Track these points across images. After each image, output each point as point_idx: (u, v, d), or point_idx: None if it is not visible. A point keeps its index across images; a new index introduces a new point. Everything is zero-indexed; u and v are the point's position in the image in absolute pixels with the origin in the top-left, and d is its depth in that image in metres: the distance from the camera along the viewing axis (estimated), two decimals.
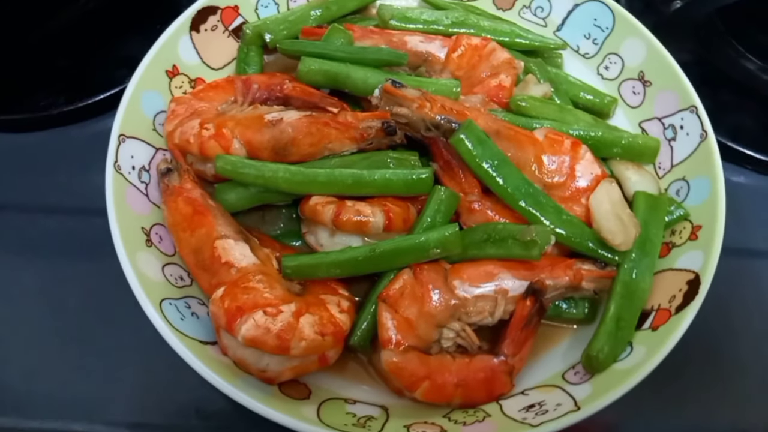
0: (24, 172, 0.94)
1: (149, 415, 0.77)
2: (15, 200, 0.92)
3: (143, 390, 0.79)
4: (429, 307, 0.71)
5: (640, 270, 0.74)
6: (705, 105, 0.85)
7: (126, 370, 0.80)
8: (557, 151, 0.79)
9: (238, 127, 0.79)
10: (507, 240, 0.73)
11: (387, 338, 0.69)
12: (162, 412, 0.77)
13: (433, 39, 0.91)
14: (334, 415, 0.67)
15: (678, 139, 0.85)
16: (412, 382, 0.69)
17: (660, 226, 0.77)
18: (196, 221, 0.74)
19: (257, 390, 0.66)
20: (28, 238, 0.89)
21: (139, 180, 0.80)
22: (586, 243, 0.74)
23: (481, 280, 0.72)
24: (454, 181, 0.78)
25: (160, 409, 0.77)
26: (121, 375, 0.80)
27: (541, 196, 0.75)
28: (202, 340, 0.69)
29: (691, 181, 0.82)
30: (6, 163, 0.95)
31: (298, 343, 0.66)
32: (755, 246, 0.92)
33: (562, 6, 0.97)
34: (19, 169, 0.94)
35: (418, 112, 0.77)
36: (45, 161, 0.95)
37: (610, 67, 0.94)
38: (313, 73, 0.85)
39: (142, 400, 0.79)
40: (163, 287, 0.73)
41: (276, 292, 0.69)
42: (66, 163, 0.95)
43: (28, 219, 0.90)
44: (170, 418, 0.77)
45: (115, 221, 0.73)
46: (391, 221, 0.74)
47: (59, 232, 0.89)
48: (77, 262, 0.87)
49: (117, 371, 0.80)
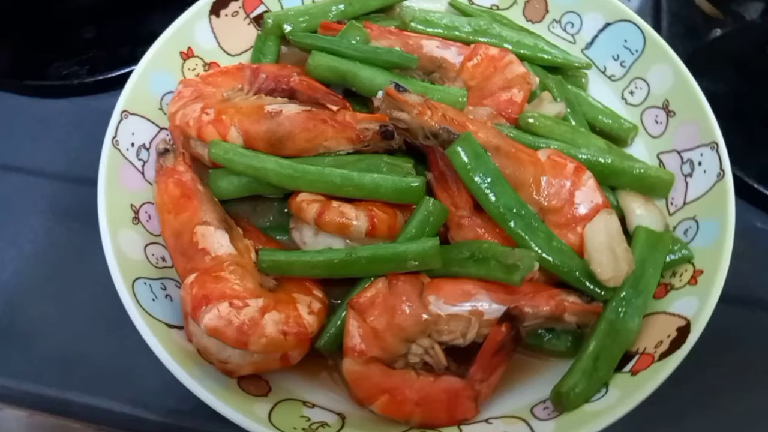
0: (40, 136, 0.97)
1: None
2: (28, 163, 0.94)
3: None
4: (399, 320, 0.69)
5: (629, 309, 0.70)
6: (734, 141, 0.80)
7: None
8: (558, 175, 0.75)
9: (238, 115, 0.79)
10: (490, 261, 0.70)
11: (351, 346, 0.68)
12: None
13: (450, 45, 0.88)
14: (287, 416, 0.66)
15: (694, 175, 0.80)
16: (371, 394, 0.67)
17: (658, 265, 0.73)
18: (182, 204, 0.75)
19: (213, 381, 0.66)
20: (32, 201, 0.91)
21: (137, 157, 0.80)
22: (573, 273, 0.71)
23: (458, 298, 0.70)
24: (446, 193, 0.76)
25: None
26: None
27: (533, 219, 0.72)
28: (170, 324, 0.70)
29: (701, 222, 0.77)
30: (24, 127, 0.97)
31: (258, 339, 0.65)
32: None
33: (593, 24, 0.93)
34: (35, 133, 0.97)
35: (417, 118, 0.74)
36: (61, 129, 0.98)
37: (635, 93, 0.90)
38: (322, 68, 0.84)
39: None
40: (141, 266, 0.73)
41: (246, 285, 0.69)
42: (80, 133, 0.97)
43: (35, 183, 0.92)
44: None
45: (103, 195, 0.74)
46: (374, 227, 0.73)
47: (63, 198, 0.91)
48: (75, 229, 0.88)
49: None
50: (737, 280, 0.72)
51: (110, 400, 0.77)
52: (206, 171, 0.81)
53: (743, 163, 0.89)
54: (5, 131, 0.97)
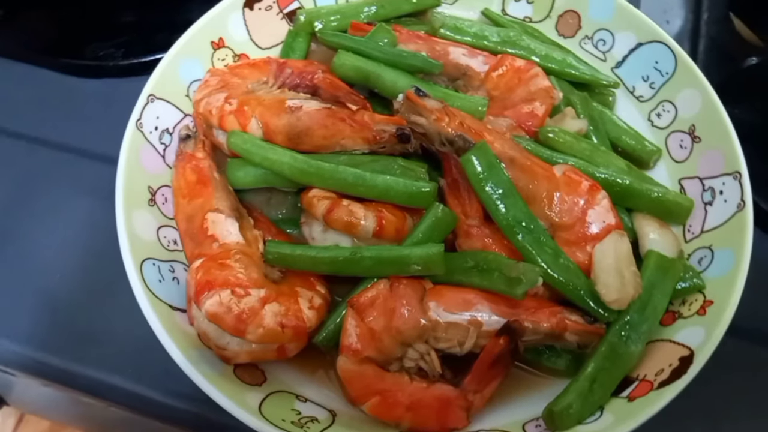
0: (71, 114, 0.99)
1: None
2: (56, 138, 0.97)
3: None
4: (397, 323, 0.69)
5: (632, 334, 0.69)
6: (762, 172, 0.78)
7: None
8: (572, 192, 0.74)
9: (259, 108, 0.80)
10: (494, 272, 0.70)
11: (347, 344, 0.68)
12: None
13: (477, 54, 0.88)
14: (278, 408, 0.66)
15: (715, 204, 0.78)
16: (363, 393, 0.67)
17: (667, 291, 0.71)
18: (197, 190, 0.76)
19: (209, 366, 0.67)
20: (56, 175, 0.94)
21: (159, 141, 0.82)
22: (578, 292, 0.70)
23: (458, 307, 0.69)
24: (457, 200, 0.76)
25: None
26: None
27: (541, 233, 0.71)
28: (174, 306, 0.71)
29: (716, 252, 0.75)
30: (57, 103, 1.00)
31: (256, 329, 0.66)
32: None
33: (625, 42, 0.91)
34: (67, 111, 0.99)
35: (434, 124, 0.75)
36: (92, 108, 1.00)
37: (662, 115, 0.88)
38: (346, 68, 0.84)
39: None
40: (152, 247, 0.74)
41: (250, 275, 0.70)
42: (110, 113, 0.97)
43: (61, 158, 0.95)
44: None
45: (122, 175, 0.75)
46: (382, 228, 0.73)
47: (87, 175, 0.93)
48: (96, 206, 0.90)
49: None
50: (746, 311, 0.70)
51: (115, 376, 0.79)
52: (225, 159, 0.83)
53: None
54: (38, 106, 1.00)
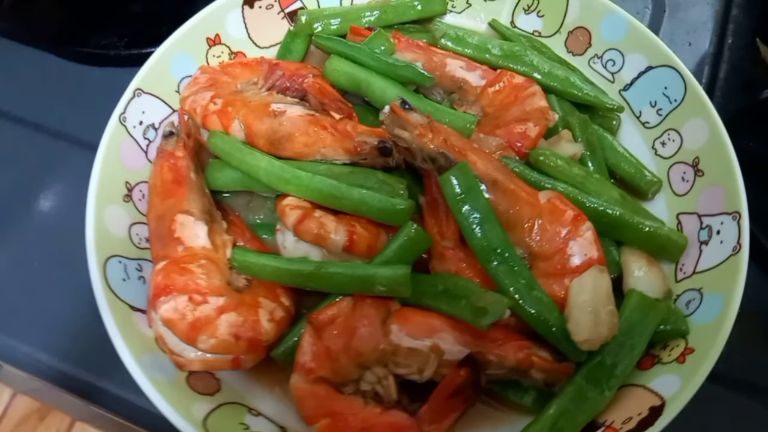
0: (71, 101, 0.99)
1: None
2: (54, 125, 0.97)
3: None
4: (356, 343, 0.66)
5: (603, 377, 0.65)
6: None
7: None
8: (555, 220, 0.70)
9: (244, 109, 0.78)
10: (461, 299, 0.66)
11: (301, 362, 0.66)
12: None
13: (476, 68, 0.85)
14: (225, 421, 0.65)
15: (710, 244, 0.74)
16: (314, 414, 0.65)
17: (646, 335, 0.67)
18: (170, 190, 0.75)
19: (159, 371, 0.66)
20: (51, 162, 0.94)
21: (143, 136, 0.81)
22: (549, 327, 0.66)
23: (421, 332, 0.67)
24: (435, 220, 0.73)
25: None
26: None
27: (516, 262, 0.68)
28: (134, 306, 0.70)
29: (706, 296, 0.70)
30: (59, 90, 1.00)
31: (208, 338, 0.64)
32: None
33: (635, 64, 0.87)
34: (68, 97, 1.00)
35: (417, 139, 0.72)
36: (92, 96, 1.00)
37: (667, 144, 0.83)
38: (338, 73, 0.82)
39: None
40: (121, 243, 0.74)
41: (211, 282, 0.68)
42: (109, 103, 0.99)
43: (58, 145, 0.95)
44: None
45: (98, 169, 0.75)
46: (353, 243, 0.71)
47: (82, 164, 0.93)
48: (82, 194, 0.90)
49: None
50: (731, 356, 0.66)
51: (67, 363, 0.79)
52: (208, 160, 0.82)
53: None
54: (40, 91, 1.00)
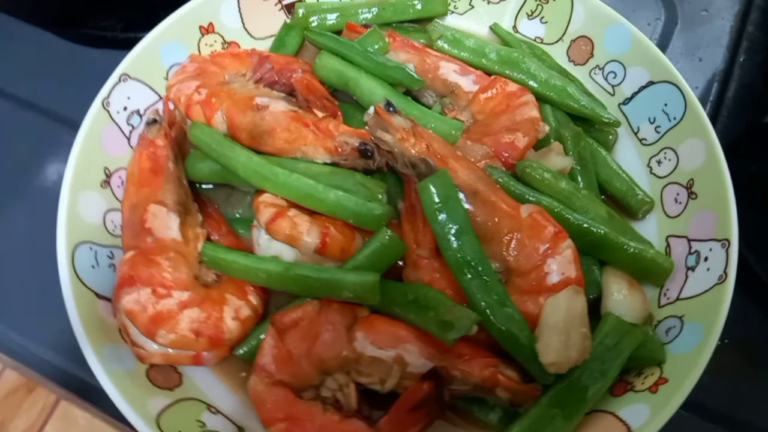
0: (65, 81, 0.99)
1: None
2: (46, 104, 0.97)
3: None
4: (319, 349, 0.65)
5: (569, 400, 0.63)
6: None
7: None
8: (535, 236, 0.68)
9: (228, 101, 0.77)
10: (430, 311, 0.65)
11: (260, 364, 0.64)
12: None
13: (470, 72, 0.82)
14: (180, 418, 0.64)
15: (697, 270, 0.71)
16: (271, 417, 0.64)
17: (619, 360, 0.65)
18: (146, 179, 0.74)
19: (118, 362, 0.65)
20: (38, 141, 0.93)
21: (127, 122, 0.80)
22: (518, 346, 0.64)
23: (386, 342, 0.65)
24: (411, 227, 0.71)
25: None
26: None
27: (490, 276, 0.65)
28: (100, 294, 0.69)
29: (686, 324, 0.68)
30: (55, 69, 1.00)
31: (167, 333, 0.63)
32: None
33: (637, 78, 0.83)
34: (62, 77, 0.99)
35: (399, 143, 0.70)
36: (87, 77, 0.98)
37: (662, 163, 0.80)
38: (327, 70, 0.81)
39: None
40: (94, 230, 0.73)
41: (177, 275, 0.67)
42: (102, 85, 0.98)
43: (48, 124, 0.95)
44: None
45: (75, 154, 0.74)
46: (325, 246, 0.69)
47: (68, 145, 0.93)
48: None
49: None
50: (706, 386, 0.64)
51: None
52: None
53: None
54: (35, 69, 1.00)
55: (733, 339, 0.80)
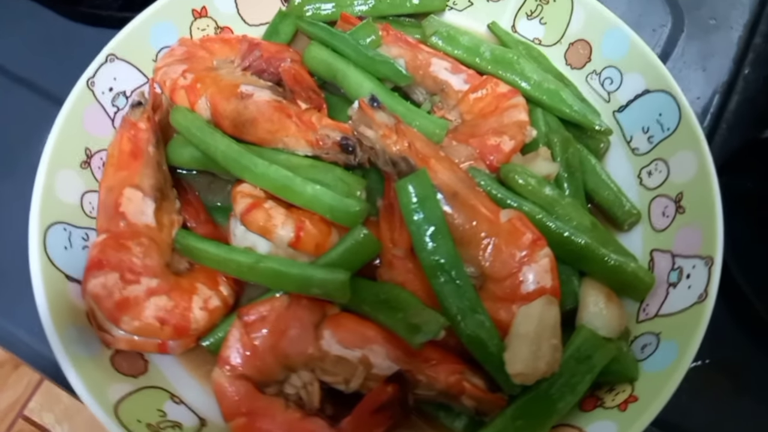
0: (59, 58, 0.98)
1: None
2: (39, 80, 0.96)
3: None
4: (285, 345, 0.64)
5: (535, 413, 0.61)
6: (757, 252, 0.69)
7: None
8: (512, 242, 0.67)
9: (213, 87, 0.76)
10: (398, 312, 0.63)
11: (224, 357, 0.64)
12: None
13: (461, 71, 0.81)
14: (140, 406, 0.63)
15: (678, 287, 0.69)
16: (231, 411, 0.63)
17: (589, 375, 0.63)
18: (125, 162, 0.73)
19: (83, 346, 0.64)
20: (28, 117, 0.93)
21: (112, 103, 0.80)
22: (487, 354, 0.63)
23: (353, 342, 0.64)
24: (389, 226, 0.70)
25: None
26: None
27: (463, 281, 0.64)
28: (71, 276, 0.68)
29: (662, 342, 0.66)
30: (51, 46, 0.99)
31: (132, 319, 0.63)
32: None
33: (633, 86, 0.81)
34: (57, 54, 0.98)
35: (380, 140, 0.68)
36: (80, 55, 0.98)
37: (653, 174, 0.78)
38: (316, 61, 0.79)
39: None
40: (70, 210, 0.72)
41: (147, 262, 0.66)
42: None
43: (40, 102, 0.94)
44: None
45: (56, 131, 0.73)
46: (298, 240, 0.68)
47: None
48: None
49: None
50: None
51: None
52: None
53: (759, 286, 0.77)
54: (31, 45, 0.99)
55: (716, 360, 0.79)
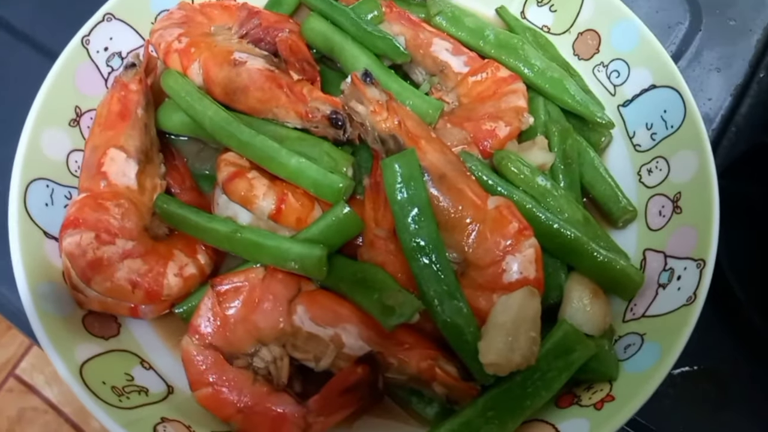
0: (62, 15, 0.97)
1: None
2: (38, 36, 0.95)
3: None
4: (257, 317, 0.63)
5: (507, 405, 0.60)
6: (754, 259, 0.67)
7: None
8: (498, 230, 0.64)
9: (206, 53, 0.74)
10: (374, 293, 0.62)
11: (195, 325, 0.63)
12: None
13: (462, 53, 0.79)
14: (107, 369, 0.62)
15: (668, 288, 0.67)
16: (198, 380, 0.62)
17: (566, 371, 0.61)
18: (112, 122, 0.72)
19: (54, 304, 0.63)
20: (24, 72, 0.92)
21: (106, 63, 0.79)
22: (461, 341, 0.61)
23: (326, 320, 0.62)
24: (373, 205, 0.68)
25: None
26: None
27: (443, 265, 0.62)
28: (49, 233, 0.68)
29: (646, 344, 0.64)
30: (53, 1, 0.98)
31: (103, 280, 0.62)
32: None
33: (639, 80, 0.79)
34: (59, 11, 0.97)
35: (370, 116, 0.67)
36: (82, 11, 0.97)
37: (653, 173, 0.76)
38: (314, 33, 0.78)
39: None
40: (55, 167, 0.72)
41: (126, 224, 0.65)
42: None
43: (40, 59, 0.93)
44: None
45: (46, 88, 0.73)
46: (279, 212, 0.67)
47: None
48: None
49: None
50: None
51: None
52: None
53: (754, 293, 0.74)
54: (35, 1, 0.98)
55: (705, 367, 0.76)
